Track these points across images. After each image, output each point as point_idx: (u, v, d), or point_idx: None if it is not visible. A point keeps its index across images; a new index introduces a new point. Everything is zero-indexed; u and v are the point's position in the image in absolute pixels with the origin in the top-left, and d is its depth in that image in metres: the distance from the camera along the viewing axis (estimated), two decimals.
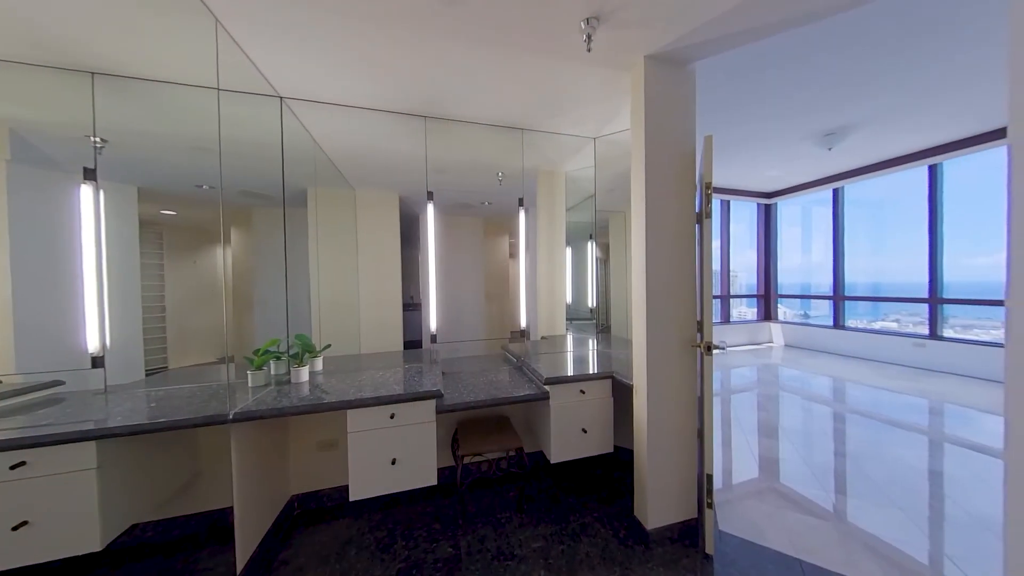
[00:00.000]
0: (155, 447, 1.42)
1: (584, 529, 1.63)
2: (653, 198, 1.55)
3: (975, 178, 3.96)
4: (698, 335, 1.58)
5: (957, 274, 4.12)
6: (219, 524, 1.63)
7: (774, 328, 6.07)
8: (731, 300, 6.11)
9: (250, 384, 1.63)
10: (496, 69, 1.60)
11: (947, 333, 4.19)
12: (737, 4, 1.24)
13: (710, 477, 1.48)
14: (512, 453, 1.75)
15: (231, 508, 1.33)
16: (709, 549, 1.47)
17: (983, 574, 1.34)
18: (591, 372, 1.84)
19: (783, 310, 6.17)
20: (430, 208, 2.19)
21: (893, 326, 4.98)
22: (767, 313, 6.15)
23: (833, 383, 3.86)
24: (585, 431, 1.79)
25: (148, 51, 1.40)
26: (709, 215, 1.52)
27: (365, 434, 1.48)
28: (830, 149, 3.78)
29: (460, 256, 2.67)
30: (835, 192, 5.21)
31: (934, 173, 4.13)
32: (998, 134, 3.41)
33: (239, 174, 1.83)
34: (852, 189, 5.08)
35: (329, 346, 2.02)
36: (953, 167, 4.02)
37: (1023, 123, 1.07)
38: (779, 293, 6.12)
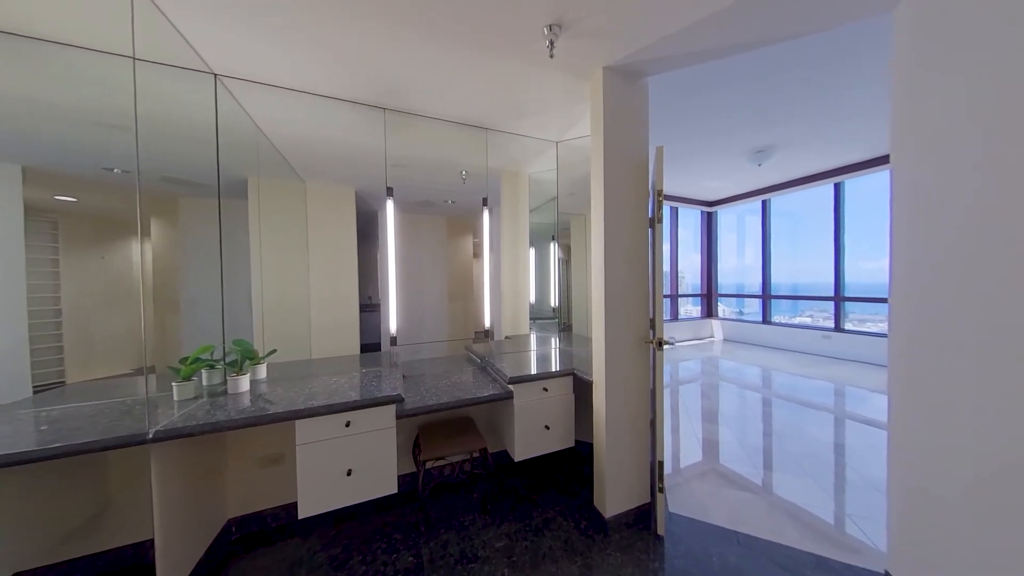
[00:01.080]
0: (45, 479, 1.20)
1: (547, 524, 1.67)
2: (611, 203, 1.63)
3: (869, 195, 4.72)
4: (651, 332, 1.69)
5: (855, 276, 4.87)
6: (136, 560, 1.42)
7: (715, 324, 6.70)
8: (679, 299, 6.65)
9: (176, 397, 1.44)
10: (461, 66, 1.58)
11: (848, 326, 4.94)
12: (680, 29, 1.34)
13: (661, 464, 1.59)
14: (476, 454, 1.74)
15: (152, 540, 1.16)
16: (660, 531, 1.58)
17: (874, 527, 1.60)
18: (553, 370, 1.89)
19: (722, 308, 6.83)
20: (390, 205, 2.10)
21: (808, 321, 5.75)
22: (709, 311, 6.78)
23: (762, 372, 4.36)
24: (548, 428, 1.83)
25: (40, 4, 1.17)
26: (660, 220, 1.64)
27: (317, 445, 1.38)
28: (759, 165, 4.27)
29: (422, 255, 2.59)
30: (764, 203, 5.89)
31: (838, 190, 4.84)
32: (886, 159, 4.10)
33: (162, 157, 1.61)
34: (777, 201, 5.78)
35: (275, 351, 1.84)
36: (852, 185, 4.75)
37: (901, 153, 1.29)
38: (719, 293, 6.77)
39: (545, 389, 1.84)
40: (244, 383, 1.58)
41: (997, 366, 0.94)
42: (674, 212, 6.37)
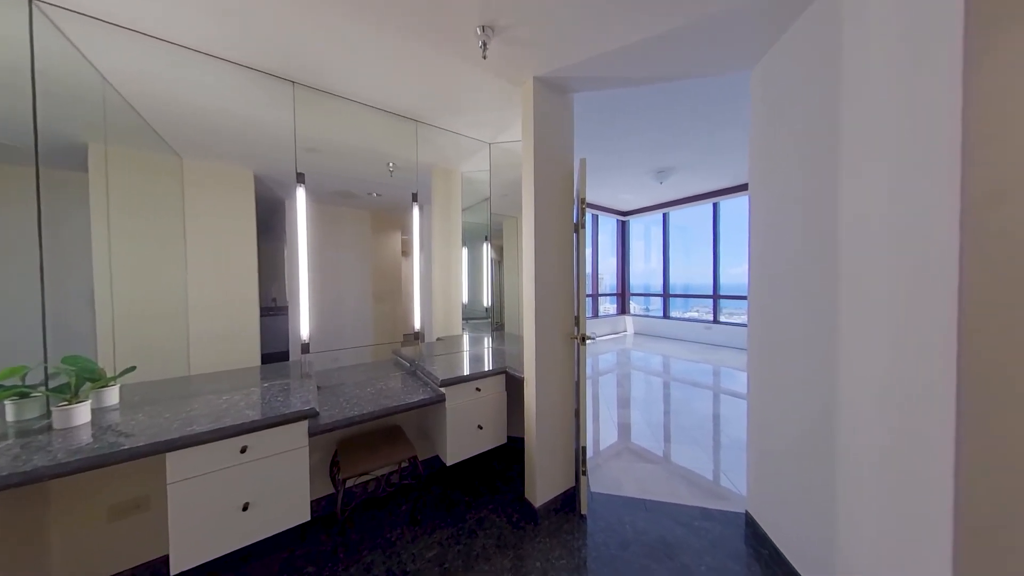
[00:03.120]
0: None
1: (480, 523, 1.67)
2: (540, 208, 1.72)
3: (736, 214, 5.94)
4: (575, 328, 1.84)
5: (728, 279, 6.08)
6: None
7: (628, 320, 7.61)
8: (599, 298, 7.36)
9: None
10: (391, 52, 1.47)
11: (723, 319, 6.13)
12: (594, 55, 1.50)
13: (584, 449, 1.74)
14: (405, 464, 1.65)
15: None
16: (584, 510, 1.72)
17: (739, 478, 2.01)
18: (486, 369, 1.90)
19: (633, 305, 7.80)
20: (300, 193, 1.84)
21: (695, 315, 6.95)
22: (623, 308, 7.66)
23: (663, 360, 5.11)
24: (481, 427, 1.84)
25: None
26: (583, 226, 1.79)
27: (198, 480, 1.13)
28: (661, 183, 4.99)
29: (342, 252, 2.33)
30: (664, 216, 6.92)
31: (716, 209, 5.98)
32: (746, 187, 5.21)
33: None
34: (674, 215, 6.85)
35: (132, 369, 1.44)
36: (725, 206, 5.91)
37: (755, 184, 1.64)
38: (631, 292, 7.72)
39: (478, 389, 1.84)
40: (81, 413, 1.20)
41: (810, 350, 1.28)
42: (595, 219, 7.03)
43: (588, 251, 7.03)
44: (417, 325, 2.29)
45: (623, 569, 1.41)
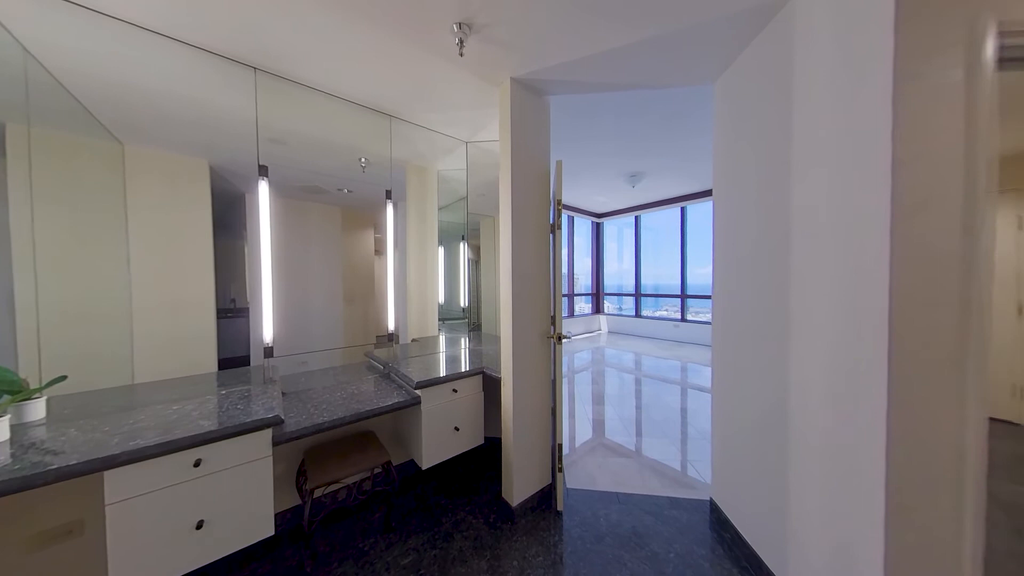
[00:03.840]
0: None
1: (457, 526, 1.65)
2: (518, 208, 1.73)
3: (702, 218, 6.27)
4: (552, 328, 1.86)
5: (695, 279, 6.41)
6: None
7: (602, 319, 7.82)
8: (574, 298, 7.51)
9: None
10: (363, 44, 1.42)
11: (690, 317, 6.46)
12: (571, 60, 1.53)
13: (560, 446, 1.77)
14: (378, 470, 1.60)
15: None
16: (560, 507, 1.75)
17: (704, 468, 2.13)
18: (463, 370, 1.89)
19: (607, 305, 8.02)
20: (263, 187, 1.73)
21: (665, 313, 7.27)
22: (598, 307, 7.87)
23: (635, 357, 5.30)
24: (458, 429, 1.82)
25: None
26: (560, 227, 1.81)
27: (143, 500, 1.03)
28: (633, 187, 5.18)
29: (309, 250, 2.22)
30: (636, 218, 7.18)
31: (684, 212, 6.28)
32: (711, 193, 5.51)
33: None
34: (645, 217, 7.12)
35: (63, 379, 1.29)
36: (692, 210, 6.22)
37: (718, 190, 1.74)
38: (605, 292, 7.94)
39: (455, 391, 1.82)
40: (0, 430, 1.06)
41: (765, 345, 1.38)
42: (570, 220, 7.16)
43: (564, 251, 7.16)
44: (391, 326, 2.22)
45: (597, 562, 1.45)
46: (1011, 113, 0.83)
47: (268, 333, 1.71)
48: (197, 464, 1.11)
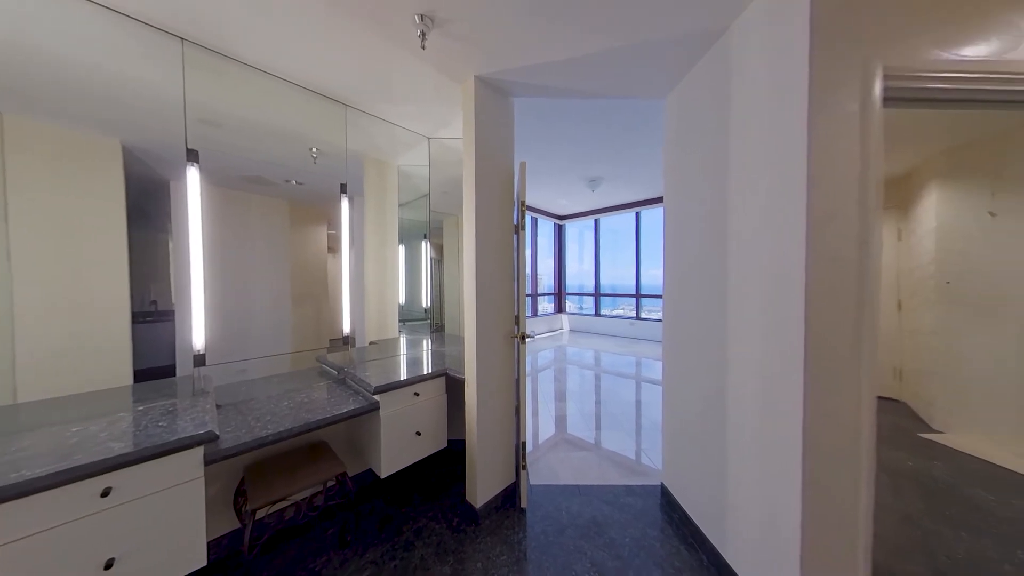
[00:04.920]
0: None
1: (418, 534, 1.60)
2: (482, 208, 1.72)
3: (655, 223, 6.74)
4: (516, 327, 1.88)
5: (648, 279, 6.86)
6: None
7: (564, 318, 8.06)
8: (538, 297, 7.65)
9: None
10: (314, 24, 1.32)
11: (644, 315, 6.90)
12: (535, 64, 1.56)
13: (524, 444, 1.79)
14: (332, 483, 1.50)
15: None
16: (524, 504, 1.77)
17: (656, 455, 2.29)
18: (425, 373, 1.83)
19: (569, 304, 8.29)
20: (193, 174, 1.54)
21: (622, 312, 7.69)
22: (560, 307, 8.10)
23: (594, 354, 5.53)
24: (419, 433, 1.76)
25: None
26: (523, 228, 1.84)
27: (30, 541, 0.87)
28: (593, 191, 5.40)
29: (252, 246, 2.01)
30: (596, 221, 7.51)
31: (638, 217, 6.70)
32: (662, 200, 5.94)
33: None
34: (604, 221, 7.47)
35: None
36: (646, 215, 6.66)
37: (668, 198, 1.87)
38: (567, 292, 8.20)
39: (416, 394, 1.76)
40: None
41: (709, 340, 1.52)
42: (534, 221, 7.28)
43: (528, 252, 7.32)
44: (346, 329, 2.09)
45: (559, 553, 1.49)
46: (891, 143, 1.00)
47: (199, 338, 1.52)
48: (106, 494, 0.95)
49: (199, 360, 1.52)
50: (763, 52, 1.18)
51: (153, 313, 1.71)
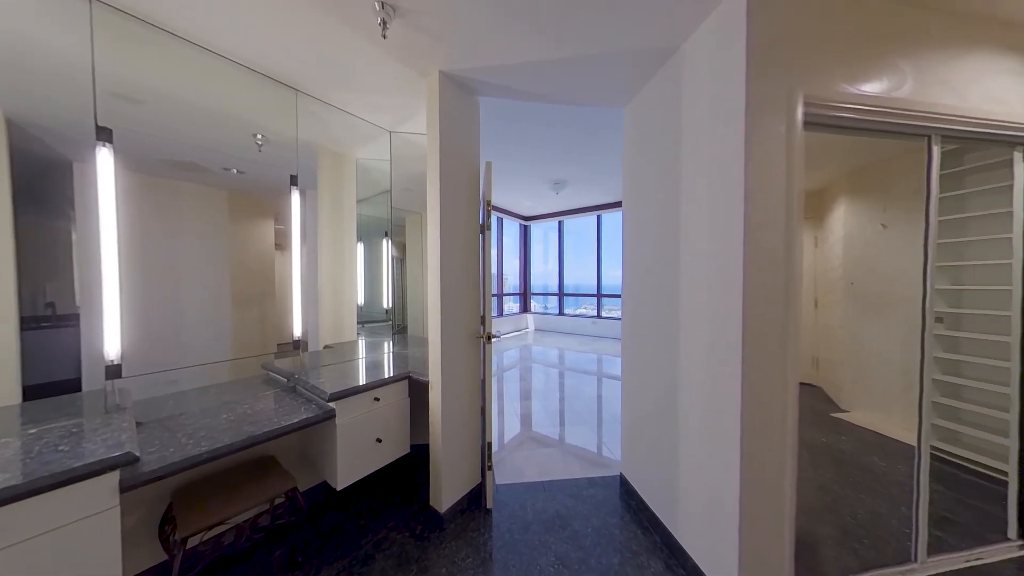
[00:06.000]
0: None
1: (379, 546, 1.53)
2: (447, 206, 1.68)
3: (615, 226, 7.09)
4: (481, 327, 1.87)
5: (609, 279, 7.19)
6: None
7: (529, 317, 8.17)
8: (503, 297, 7.69)
9: None
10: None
11: (605, 314, 7.22)
12: (500, 64, 1.57)
13: (490, 445, 1.79)
14: (281, 500, 1.38)
15: None
16: (490, 504, 1.77)
17: (616, 448, 2.40)
18: (386, 376, 1.76)
19: (534, 304, 8.43)
20: (104, 155, 1.33)
21: (584, 311, 7.98)
22: (525, 306, 8.20)
23: (558, 352, 5.68)
24: (380, 440, 1.68)
25: None
26: (489, 227, 1.83)
27: None
28: (557, 194, 5.55)
29: (182, 240, 1.78)
30: (560, 223, 7.71)
31: (600, 220, 7.00)
32: (620, 204, 6.25)
33: None
34: (568, 223, 7.70)
35: None
36: (606, 218, 6.98)
37: (626, 203, 1.98)
38: (532, 292, 8.32)
39: (377, 399, 1.68)
40: None
41: (662, 336, 1.63)
42: (500, 222, 7.30)
43: (493, 252, 7.32)
44: (297, 332, 1.93)
45: (524, 550, 1.50)
46: (811, 162, 1.15)
47: (112, 346, 1.32)
48: None
49: (113, 371, 1.32)
50: (708, 74, 1.29)
51: (50, 317, 1.44)
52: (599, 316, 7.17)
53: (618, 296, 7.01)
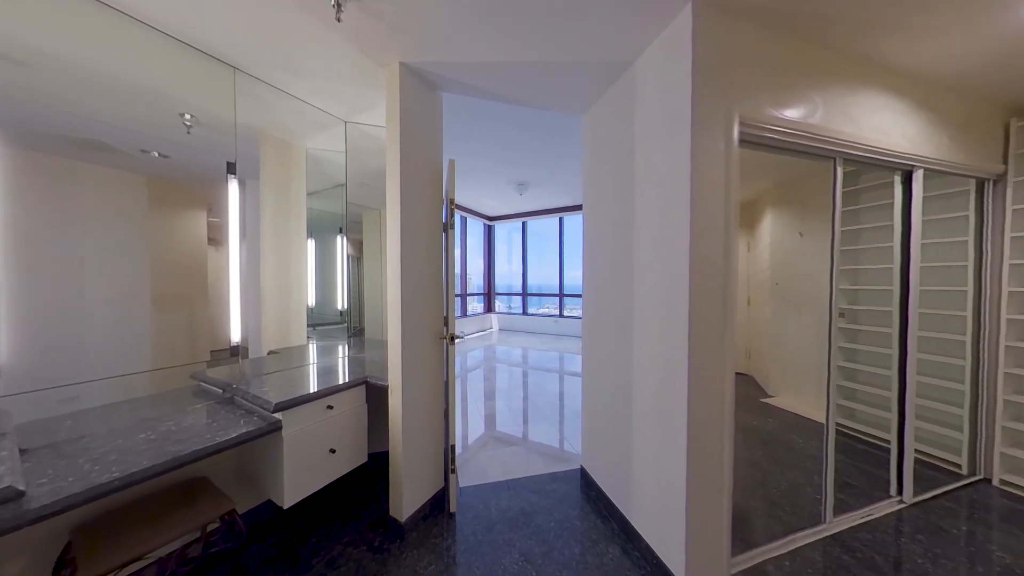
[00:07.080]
0: None
1: (332, 564, 1.43)
2: (408, 203, 1.62)
3: (576, 228, 7.35)
4: (444, 328, 1.83)
5: (570, 279, 7.44)
6: None
7: (494, 317, 8.17)
8: (467, 297, 7.60)
9: None
10: None
11: (567, 313, 7.45)
12: (463, 61, 1.55)
13: (453, 447, 1.75)
14: (216, 525, 1.23)
15: None
16: (453, 508, 1.74)
17: (576, 442, 2.49)
18: (341, 382, 1.65)
19: (498, 304, 8.44)
20: None
21: (547, 311, 8.17)
22: (489, 306, 8.18)
23: (522, 352, 5.75)
24: (334, 451, 1.58)
25: None
26: (452, 226, 1.80)
27: None
28: (521, 195, 5.61)
29: (84, 232, 1.51)
30: (523, 224, 7.81)
31: (561, 222, 7.21)
32: (581, 207, 6.49)
33: None
34: (531, 224, 7.83)
35: None
36: (568, 220, 7.21)
37: (586, 206, 2.05)
38: (496, 292, 8.33)
39: (330, 407, 1.57)
40: None
41: (618, 334, 1.72)
42: (463, 221, 7.21)
43: (457, 251, 7.20)
44: (236, 337, 1.74)
45: (488, 551, 1.50)
46: (745, 176, 1.29)
47: None
48: None
49: None
50: (658, 90, 1.39)
51: None
52: (561, 315, 7.38)
53: (579, 296, 7.26)
